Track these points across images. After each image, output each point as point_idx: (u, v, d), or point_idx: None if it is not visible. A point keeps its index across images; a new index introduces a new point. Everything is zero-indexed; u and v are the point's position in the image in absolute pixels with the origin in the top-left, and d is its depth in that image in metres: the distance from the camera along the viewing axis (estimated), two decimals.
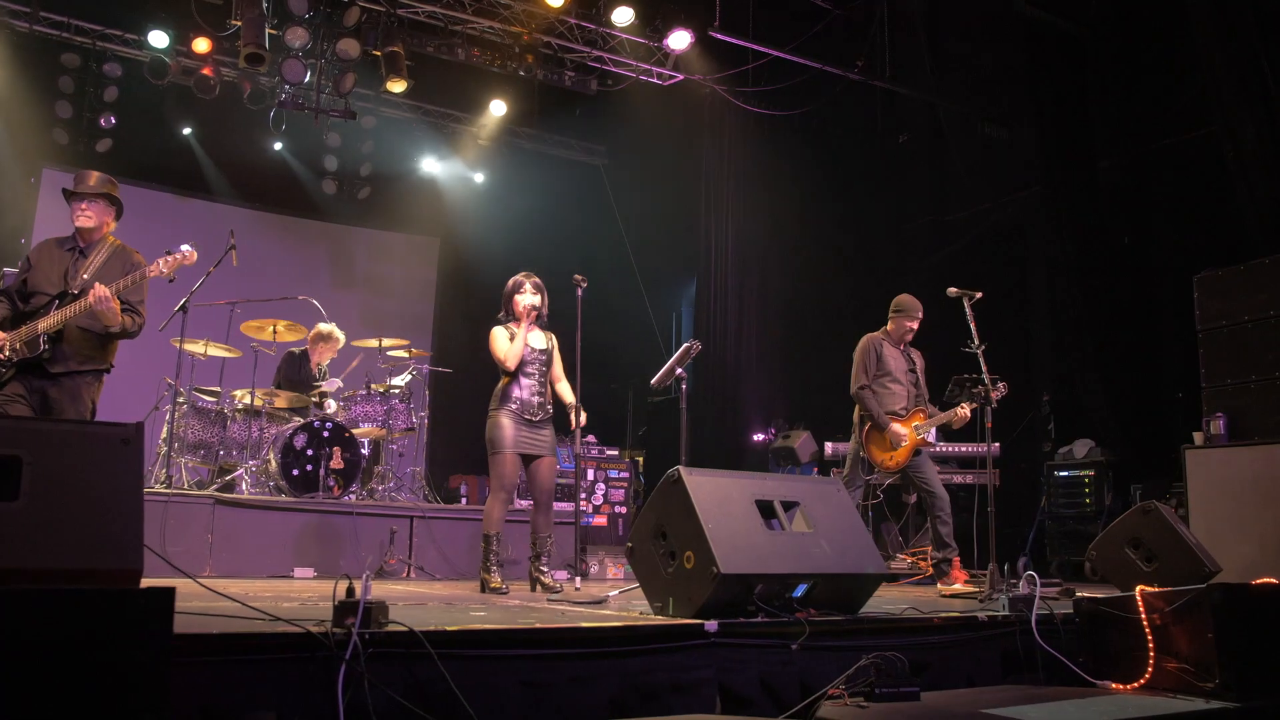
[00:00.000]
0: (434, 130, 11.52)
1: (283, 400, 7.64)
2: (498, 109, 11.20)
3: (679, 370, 5.33)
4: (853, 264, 10.92)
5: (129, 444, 2.76)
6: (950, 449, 8.52)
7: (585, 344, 5.78)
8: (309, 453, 7.25)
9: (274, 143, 10.78)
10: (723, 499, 3.69)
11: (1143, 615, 3.88)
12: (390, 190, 11.81)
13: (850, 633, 3.67)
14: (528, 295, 5.61)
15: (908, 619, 3.91)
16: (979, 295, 5.80)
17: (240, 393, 7.71)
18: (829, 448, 8.63)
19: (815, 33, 9.52)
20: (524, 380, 5.56)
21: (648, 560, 3.79)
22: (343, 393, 8.01)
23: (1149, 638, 3.83)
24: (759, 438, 10.43)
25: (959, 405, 6.15)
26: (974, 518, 6.38)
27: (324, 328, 8.28)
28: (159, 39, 9.54)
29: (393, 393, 7.93)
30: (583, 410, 5.74)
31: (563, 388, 5.79)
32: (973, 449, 8.42)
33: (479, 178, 12.06)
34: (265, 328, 7.81)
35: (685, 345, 5.43)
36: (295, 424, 7.39)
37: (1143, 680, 3.79)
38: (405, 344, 8.35)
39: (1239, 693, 3.55)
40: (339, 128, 10.78)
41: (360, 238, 12.03)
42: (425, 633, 2.88)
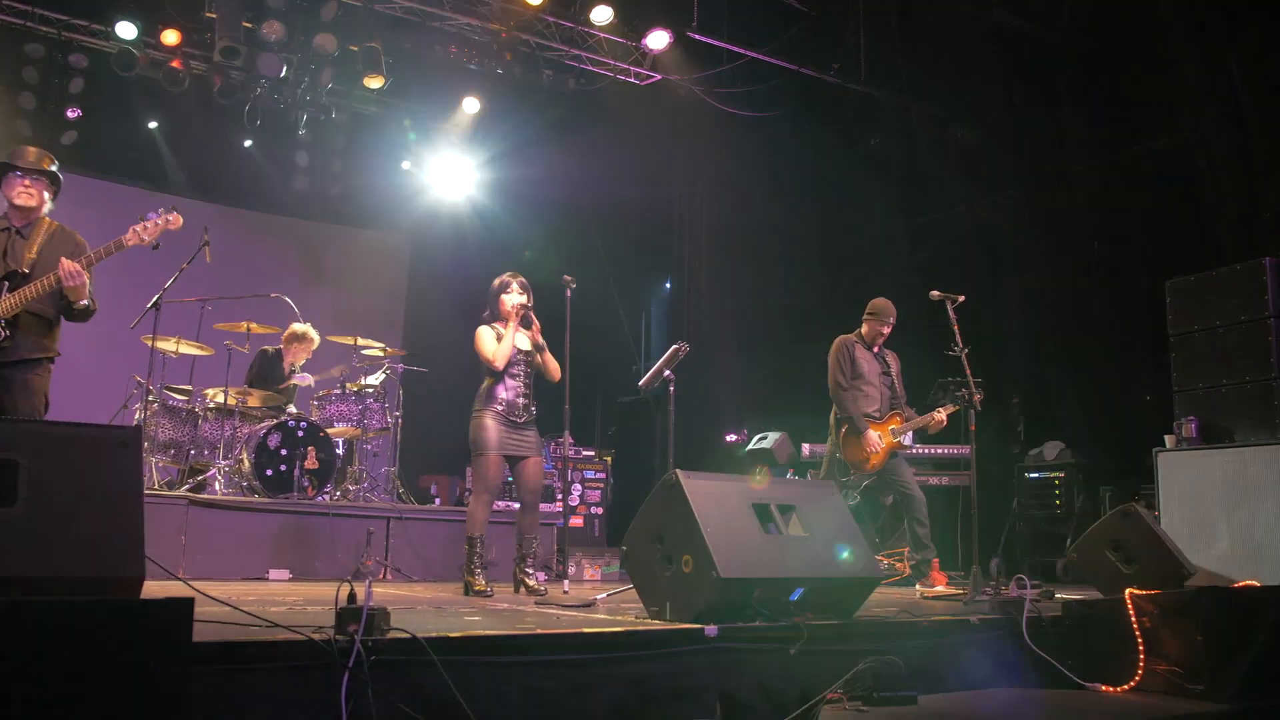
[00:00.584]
0: (406, 127, 11.40)
1: (256, 399, 7.53)
2: (470, 106, 11.11)
3: (667, 372, 5.31)
4: (825, 265, 10.96)
5: (127, 447, 2.69)
6: (926, 451, 8.58)
7: (552, 345, 5.75)
8: (283, 452, 7.16)
9: (245, 139, 10.62)
10: (720, 503, 3.68)
11: (1132, 619, 3.93)
12: (362, 187, 11.68)
13: (847, 636, 3.68)
14: (514, 295, 5.55)
15: (902, 623, 3.92)
16: (961, 299, 5.83)
17: (212, 391, 7.59)
18: (805, 449, 8.66)
19: (791, 35, 9.54)
20: (509, 381, 5.50)
21: (644, 564, 3.77)
22: (314, 392, 7.91)
23: (1139, 641, 3.89)
24: (731, 438, 10.44)
25: (936, 409, 6.20)
26: (958, 520, 6.44)
27: (299, 328, 8.17)
28: (127, 30, 9.34)
29: (367, 392, 7.84)
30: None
31: (557, 372, 5.70)
32: (948, 451, 8.49)
33: (451, 175, 11.95)
34: (239, 327, 7.69)
35: (674, 348, 5.42)
36: (269, 423, 7.30)
37: (1133, 683, 3.84)
38: (380, 344, 8.26)
39: (1229, 695, 3.61)
40: (311, 123, 10.64)
41: (331, 235, 11.89)
42: (428, 639, 2.85)
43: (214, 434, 7.39)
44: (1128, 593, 3.98)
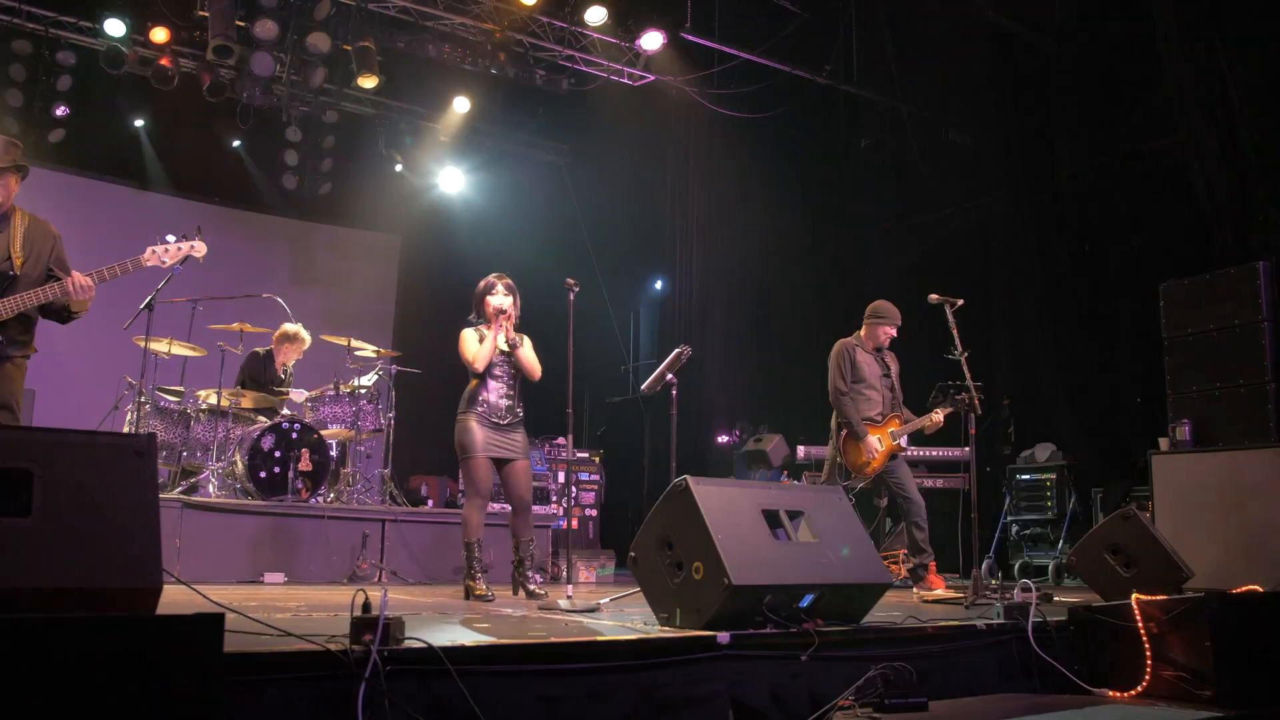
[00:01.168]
0: (396, 126, 11.35)
1: (249, 401, 7.47)
2: (461, 106, 11.07)
3: (669, 376, 5.30)
4: (817, 266, 10.98)
5: (143, 456, 2.65)
6: (921, 453, 8.60)
7: (542, 343, 5.73)
8: (277, 454, 7.10)
9: (234, 138, 10.55)
10: (730, 509, 3.67)
11: (1139, 624, 3.94)
12: (351, 186, 11.61)
13: (856, 643, 3.67)
14: (499, 296, 5.51)
15: (909, 628, 3.92)
16: (960, 302, 5.84)
17: (205, 393, 7.52)
18: (801, 451, 8.66)
19: (783, 37, 9.55)
20: (491, 383, 5.46)
21: (652, 570, 3.75)
22: (308, 404, 7.85)
23: (1146, 646, 3.89)
24: (723, 439, 10.44)
25: (933, 411, 6.20)
26: (958, 523, 6.45)
27: (290, 328, 8.10)
28: (115, 27, 9.25)
29: (360, 393, 7.79)
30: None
31: (539, 372, 5.65)
32: (943, 453, 8.51)
33: (441, 175, 11.91)
34: (232, 328, 7.62)
35: (676, 351, 5.40)
36: (262, 425, 7.24)
37: (1140, 688, 3.85)
38: (374, 346, 8.21)
39: (1236, 701, 3.61)
40: (300, 122, 10.57)
41: (321, 234, 11.82)
42: (443, 649, 2.82)
43: (206, 435, 7.32)
44: (1134, 598, 3.98)
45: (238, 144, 10.89)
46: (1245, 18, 7.59)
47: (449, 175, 11.87)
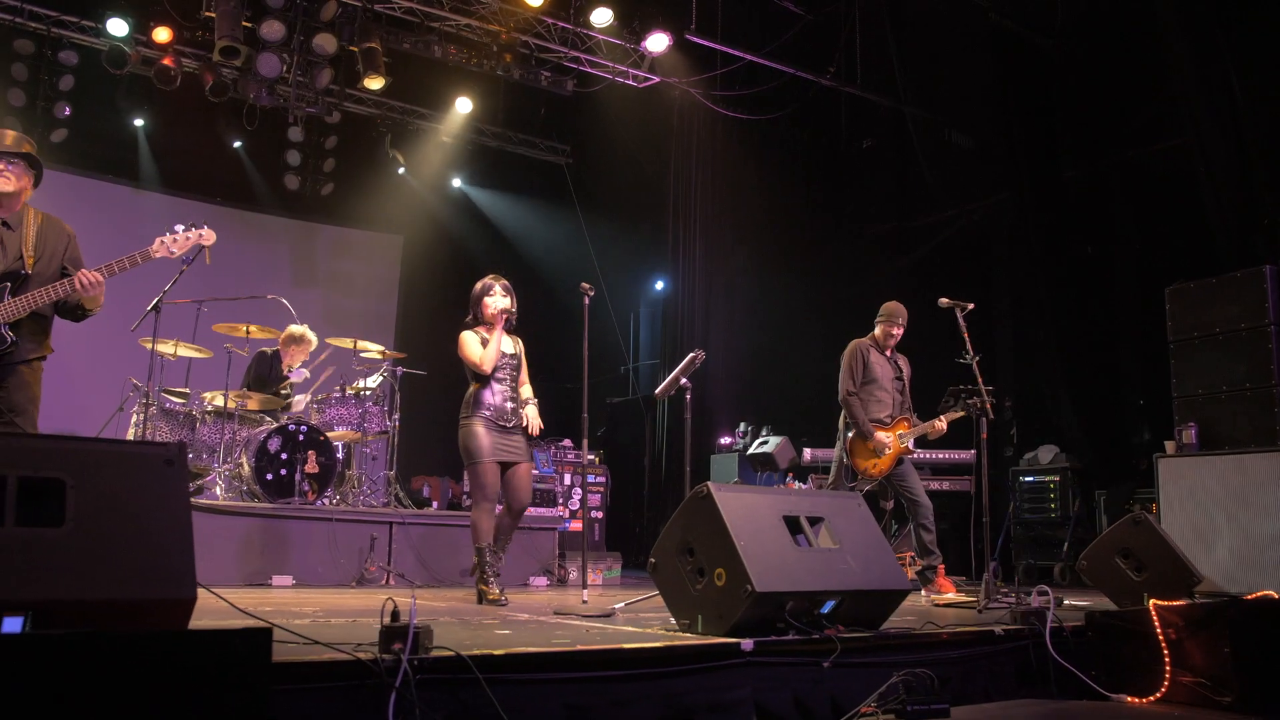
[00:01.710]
0: (398, 127, 11.33)
1: (255, 402, 7.44)
2: (463, 106, 11.06)
3: (683, 380, 5.29)
4: (818, 267, 10.98)
5: (173, 465, 2.63)
6: (927, 456, 8.61)
7: (540, 344, 5.73)
8: (283, 456, 7.08)
9: (237, 138, 10.53)
10: (751, 515, 3.66)
11: (1157, 629, 3.94)
12: (353, 187, 11.60)
13: (877, 649, 3.67)
14: (498, 298, 5.44)
15: (928, 634, 3.92)
16: (970, 306, 5.84)
17: (210, 394, 7.49)
18: (807, 453, 8.66)
19: (787, 39, 9.55)
20: (496, 386, 5.39)
21: (673, 576, 3.75)
22: (311, 384, 7.83)
23: (1164, 652, 3.90)
24: (725, 441, 10.44)
25: (937, 417, 6.21)
26: (958, 525, 6.45)
27: (296, 330, 8.07)
28: (118, 27, 9.23)
29: (365, 395, 7.78)
30: (536, 412, 5.56)
31: (526, 391, 5.60)
32: (949, 455, 8.51)
33: (443, 175, 11.90)
34: (238, 329, 7.59)
35: (690, 356, 5.40)
36: (268, 427, 7.22)
37: (1159, 694, 3.86)
38: (380, 346, 8.20)
39: (1256, 707, 3.62)
40: (303, 122, 10.54)
41: (323, 234, 11.80)
42: (472, 657, 2.81)
43: (212, 437, 7.30)
44: (1152, 604, 3.99)
45: (238, 144, 10.86)
46: (1251, 20, 7.61)
47: (451, 175, 11.86)
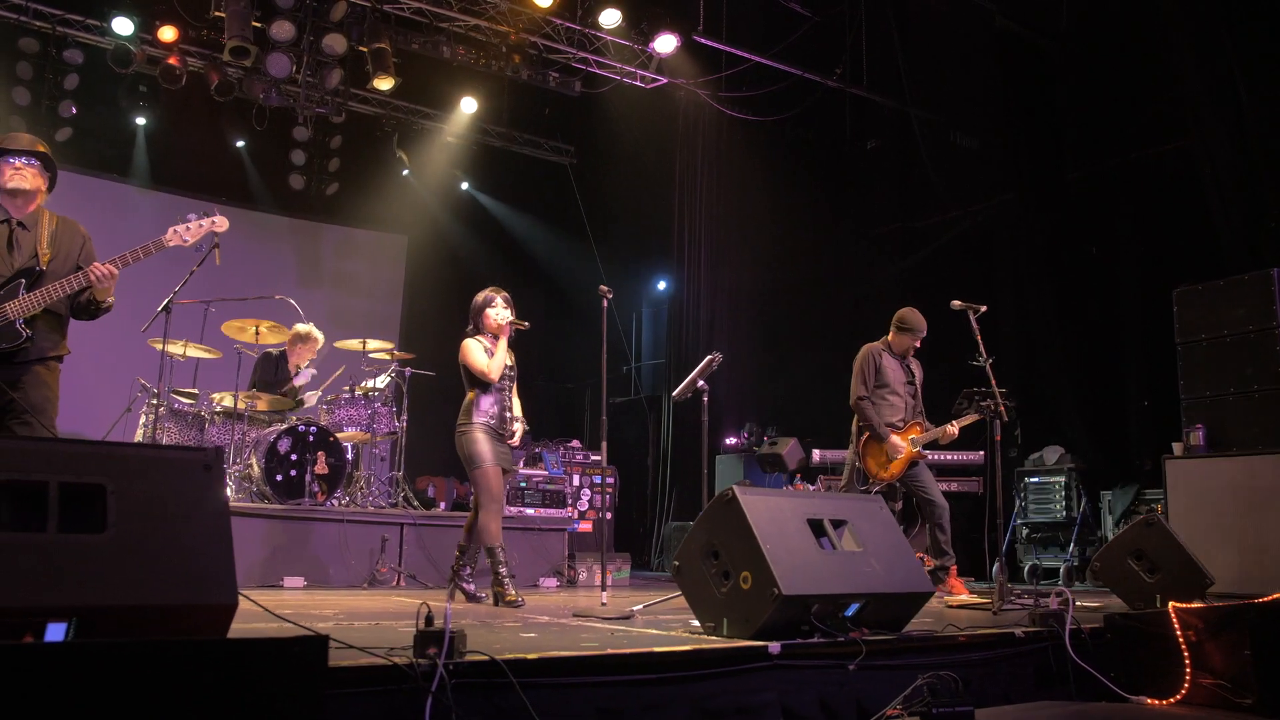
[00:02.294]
0: (403, 127, 11.33)
1: (264, 403, 7.43)
2: (468, 106, 11.06)
3: (700, 383, 5.30)
4: (823, 268, 10.99)
5: (210, 470, 2.64)
6: (934, 457, 8.58)
7: (542, 345, 5.75)
8: (293, 458, 7.09)
9: (242, 137, 10.51)
10: (776, 518, 3.67)
11: (1178, 632, 3.96)
12: (358, 186, 11.59)
13: (900, 651, 3.69)
14: (500, 310, 5.53)
15: (949, 636, 3.93)
16: (983, 308, 5.85)
17: (219, 395, 7.49)
18: (816, 454, 8.66)
19: (793, 40, 9.56)
20: (496, 394, 5.52)
21: (698, 579, 3.76)
22: (321, 381, 7.82)
23: (1185, 654, 3.92)
24: (731, 441, 10.45)
25: (949, 423, 6.22)
26: (971, 527, 6.46)
27: (303, 328, 8.07)
28: (123, 25, 9.18)
29: (374, 396, 7.77)
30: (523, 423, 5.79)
31: (516, 406, 5.76)
32: (957, 457, 8.51)
33: (447, 175, 11.90)
34: (247, 329, 7.58)
35: (708, 358, 5.42)
36: (278, 428, 7.22)
37: (1179, 696, 3.87)
38: (389, 346, 8.19)
39: (1277, 709, 3.64)
40: (309, 122, 10.53)
41: (327, 234, 11.79)
42: (506, 661, 2.82)
43: (222, 438, 7.29)
44: (1171, 606, 4.01)
45: (241, 144, 10.84)
46: (1257, 22, 7.63)
47: (455, 174, 11.86)
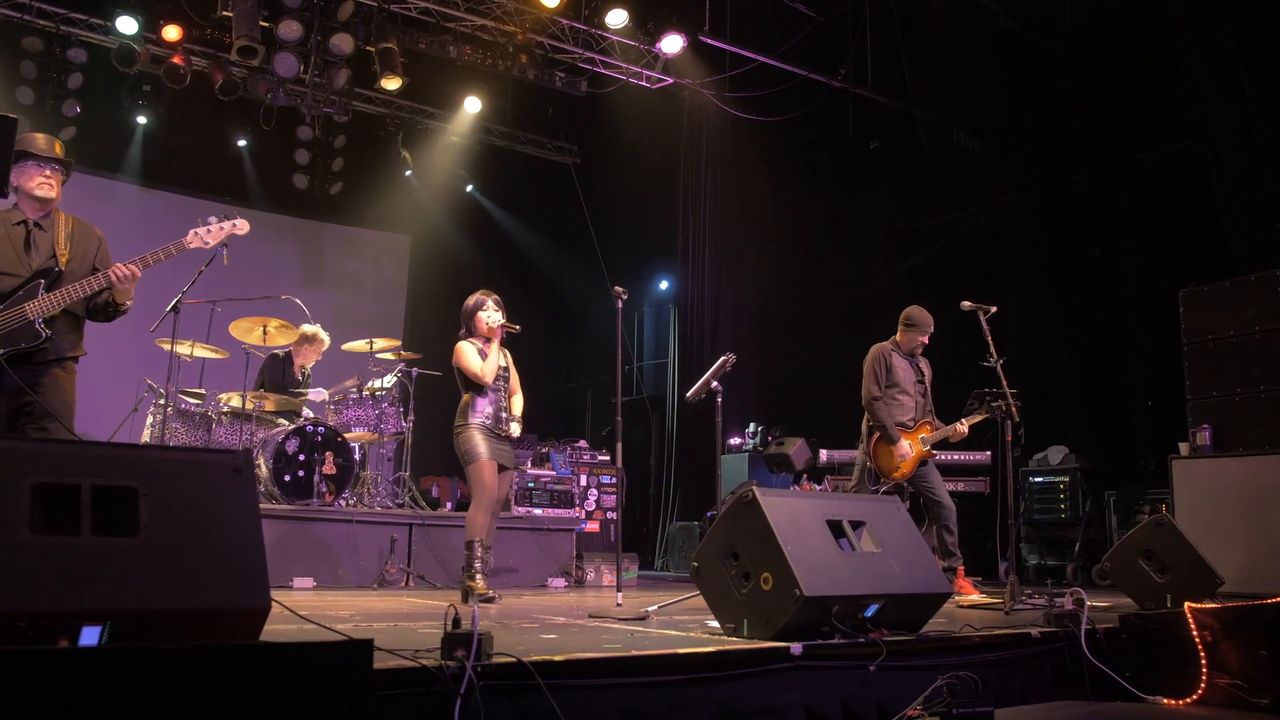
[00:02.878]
0: (407, 126, 11.32)
1: (271, 403, 7.43)
2: (472, 106, 11.05)
3: (714, 384, 5.31)
4: (826, 268, 11.00)
5: (240, 473, 2.64)
6: (941, 457, 8.58)
7: (544, 344, 5.79)
8: (301, 458, 7.09)
9: (246, 137, 10.50)
10: (796, 519, 3.68)
11: (1193, 632, 3.98)
12: (362, 186, 11.58)
13: (919, 652, 3.70)
14: (492, 312, 5.70)
15: (967, 637, 3.95)
16: (993, 309, 5.88)
17: (227, 395, 7.48)
18: (824, 455, 8.67)
19: (798, 41, 9.56)
20: (491, 395, 5.67)
21: (717, 581, 3.76)
22: (328, 404, 7.82)
23: (1201, 654, 3.93)
24: (734, 441, 10.46)
25: (959, 421, 6.23)
26: (976, 527, 6.48)
27: (309, 329, 8.06)
28: (127, 24, 9.16)
29: (381, 396, 7.76)
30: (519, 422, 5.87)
31: (518, 402, 5.89)
32: (963, 457, 8.52)
33: (451, 175, 11.89)
34: (254, 329, 7.57)
35: (721, 359, 5.42)
36: (285, 428, 7.21)
37: (1195, 696, 3.89)
38: (396, 344, 8.18)
39: None
40: (313, 121, 10.51)
41: (331, 234, 11.77)
42: (533, 663, 2.83)
43: (229, 438, 7.28)
44: (1187, 606, 4.02)
45: (243, 143, 10.82)
46: (1263, 21, 7.64)
47: (459, 174, 11.85)
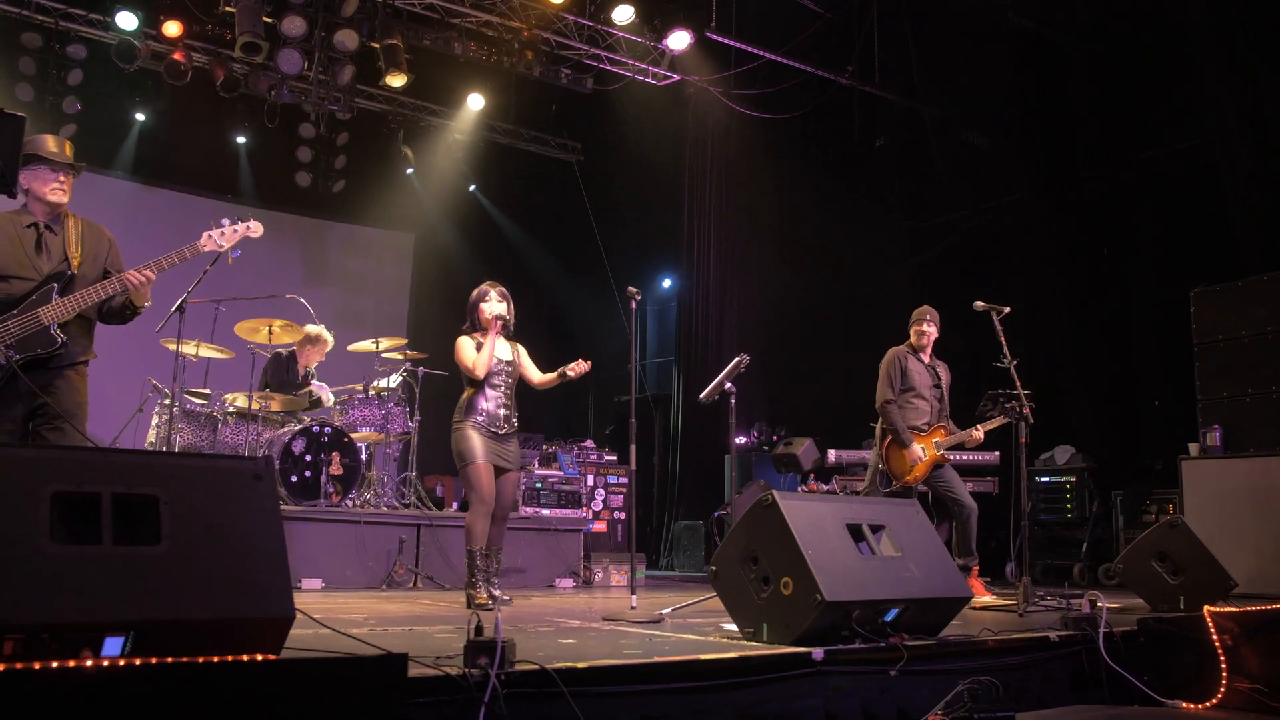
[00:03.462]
0: (409, 123, 11.26)
1: (278, 403, 7.38)
2: (475, 103, 11.00)
3: (728, 385, 5.27)
4: (833, 267, 10.96)
5: (261, 480, 2.60)
6: (950, 457, 8.57)
7: (547, 341, 5.68)
8: (308, 458, 7.06)
9: (247, 134, 10.45)
10: (816, 523, 3.65)
11: (1213, 636, 3.95)
12: (364, 184, 11.53)
13: (939, 656, 3.68)
14: (494, 304, 5.48)
15: (985, 640, 3.92)
16: (1006, 310, 5.85)
17: (232, 395, 7.43)
18: (832, 455, 8.63)
19: (805, 37, 9.51)
20: (490, 392, 5.39)
21: (736, 585, 3.73)
22: (335, 401, 7.78)
23: (1220, 658, 3.91)
24: (739, 441, 10.42)
25: (974, 427, 6.20)
26: (1011, 528, 6.45)
27: (313, 329, 8.00)
28: (127, 20, 9.10)
29: (386, 395, 7.72)
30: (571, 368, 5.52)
31: (539, 375, 5.61)
32: (972, 457, 8.46)
33: (454, 172, 11.84)
34: (260, 329, 7.52)
35: (735, 360, 5.38)
36: (292, 428, 7.17)
37: (1215, 700, 3.86)
38: (402, 343, 8.13)
39: None
40: (323, 119, 10.46)
41: (334, 232, 11.72)
42: (555, 670, 2.80)
43: (235, 439, 7.24)
44: (1206, 610, 4.00)
45: (242, 140, 10.76)
46: (1278, 17, 7.59)
47: (462, 172, 11.81)
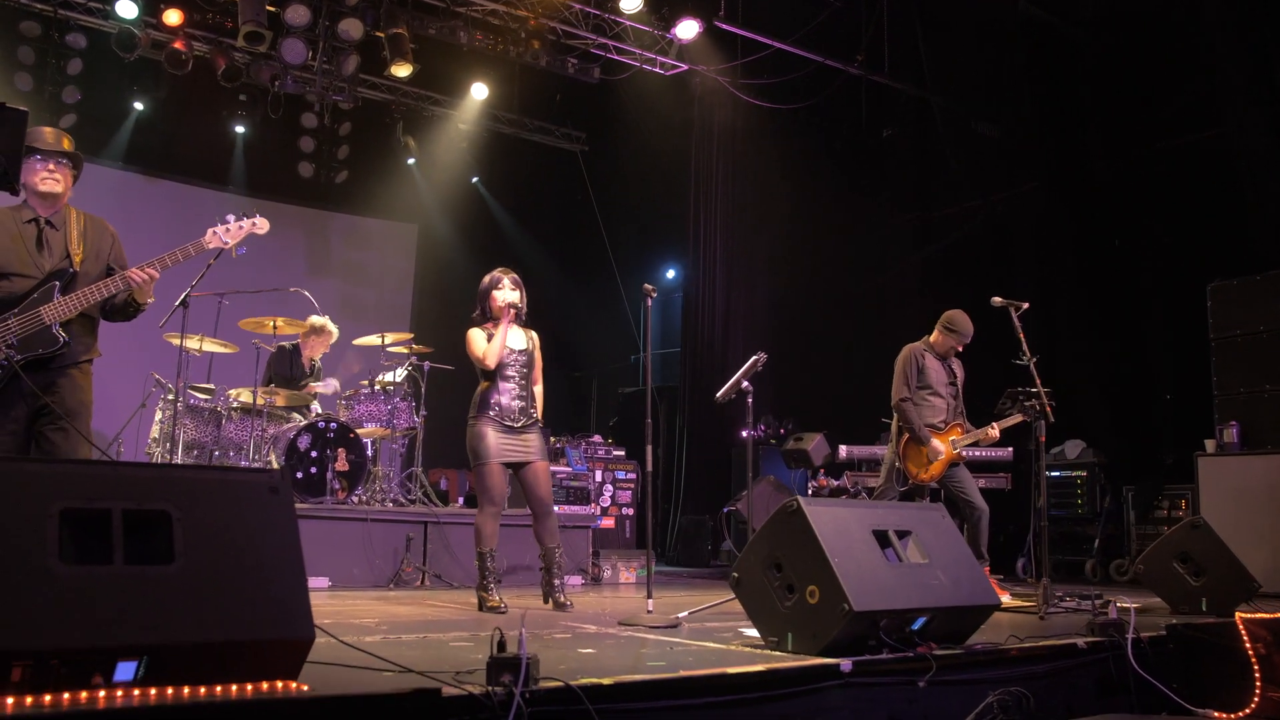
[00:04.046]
0: (412, 113, 11.13)
1: (282, 398, 7.28)
2: (479, 93, 10.87)
3: (745, 384, 5.17)
4: (840, 258, 10.85)
5: (278, 493, 2.50)
6: (964, 452, 8.49)
7: (550, 333, 5.56)
8: (313, 454, 6.95)
9: (249, 124, 10.32)
10: (842, 530, 3.56)
11: (1246, 643, 3.87)
12: (367, 174, 11.40)
13: (967, 665, 3.60)
14: (506, 291, 5.21)
15: (1012, 648, 3.83)
16: (1025, 305, 5.75)
17: (236, 390, 7.33)
18: (843, 451, 8.54)
19: (814, 26, 9.38)
20: (503, 384, 5.14)
21: (760, 592, 3.64)
22: (340, 395, 7.68)
23: (1254, 666, 3.83)
24: (745, 434, 10.32)
25: (990, 425, 6.11)
26: (1031, 526, 6.38)
27: (317, 321, 7.91)
28: (127, 9, 8.95)
29: (392, 390, 7.62)
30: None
31: (537, 390, 5.39)
32: (983, 453, 8.38)
33: (457, 163, 11.72)
34: (264, 324, 7.42)
35: (753, 359, 5.29)
36: (297, 424, 7.08)
37: (1248, 710, 3.79)
38: (408, 338, 8.03)
39: None
40: (327, 109, 10.32)
41: (337, 223, 11.60)
42: (581, 687, 2.71)
43: (239, 434, 7.14)
44: (1238, 616, 3.92)
45: (243, 130, 10.63)
46: None
47: (466, 162, 11.69)
